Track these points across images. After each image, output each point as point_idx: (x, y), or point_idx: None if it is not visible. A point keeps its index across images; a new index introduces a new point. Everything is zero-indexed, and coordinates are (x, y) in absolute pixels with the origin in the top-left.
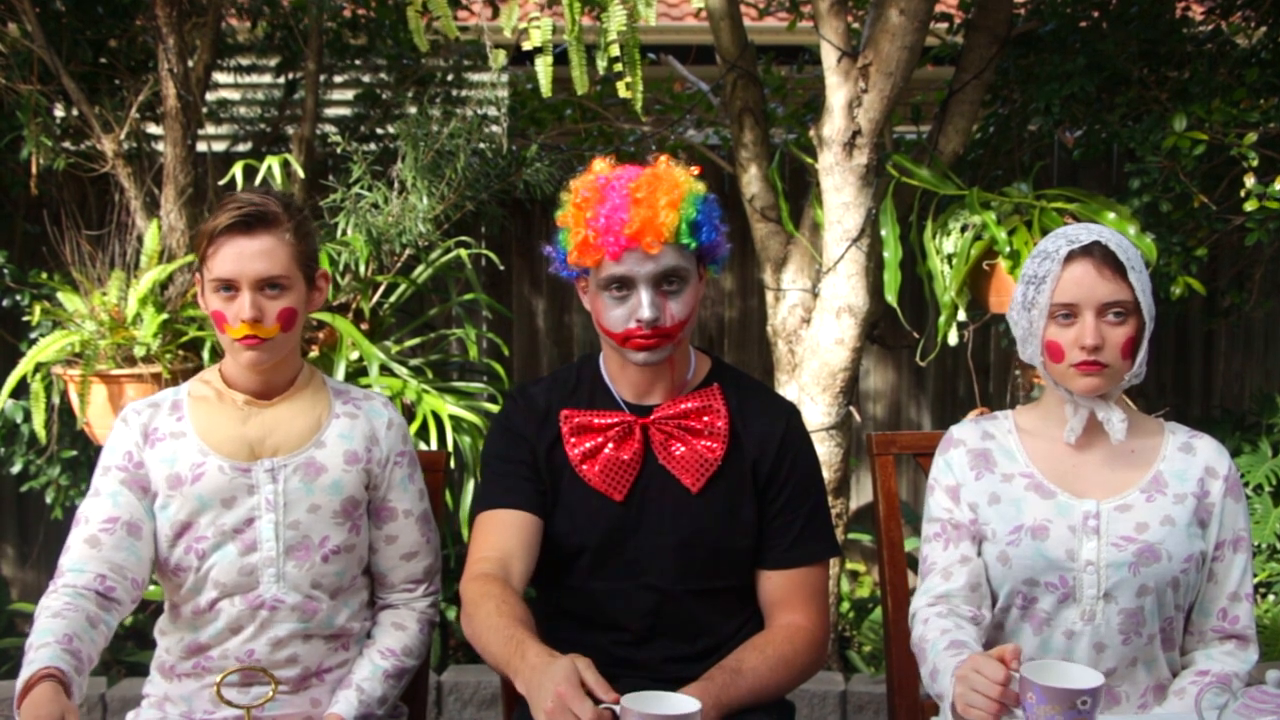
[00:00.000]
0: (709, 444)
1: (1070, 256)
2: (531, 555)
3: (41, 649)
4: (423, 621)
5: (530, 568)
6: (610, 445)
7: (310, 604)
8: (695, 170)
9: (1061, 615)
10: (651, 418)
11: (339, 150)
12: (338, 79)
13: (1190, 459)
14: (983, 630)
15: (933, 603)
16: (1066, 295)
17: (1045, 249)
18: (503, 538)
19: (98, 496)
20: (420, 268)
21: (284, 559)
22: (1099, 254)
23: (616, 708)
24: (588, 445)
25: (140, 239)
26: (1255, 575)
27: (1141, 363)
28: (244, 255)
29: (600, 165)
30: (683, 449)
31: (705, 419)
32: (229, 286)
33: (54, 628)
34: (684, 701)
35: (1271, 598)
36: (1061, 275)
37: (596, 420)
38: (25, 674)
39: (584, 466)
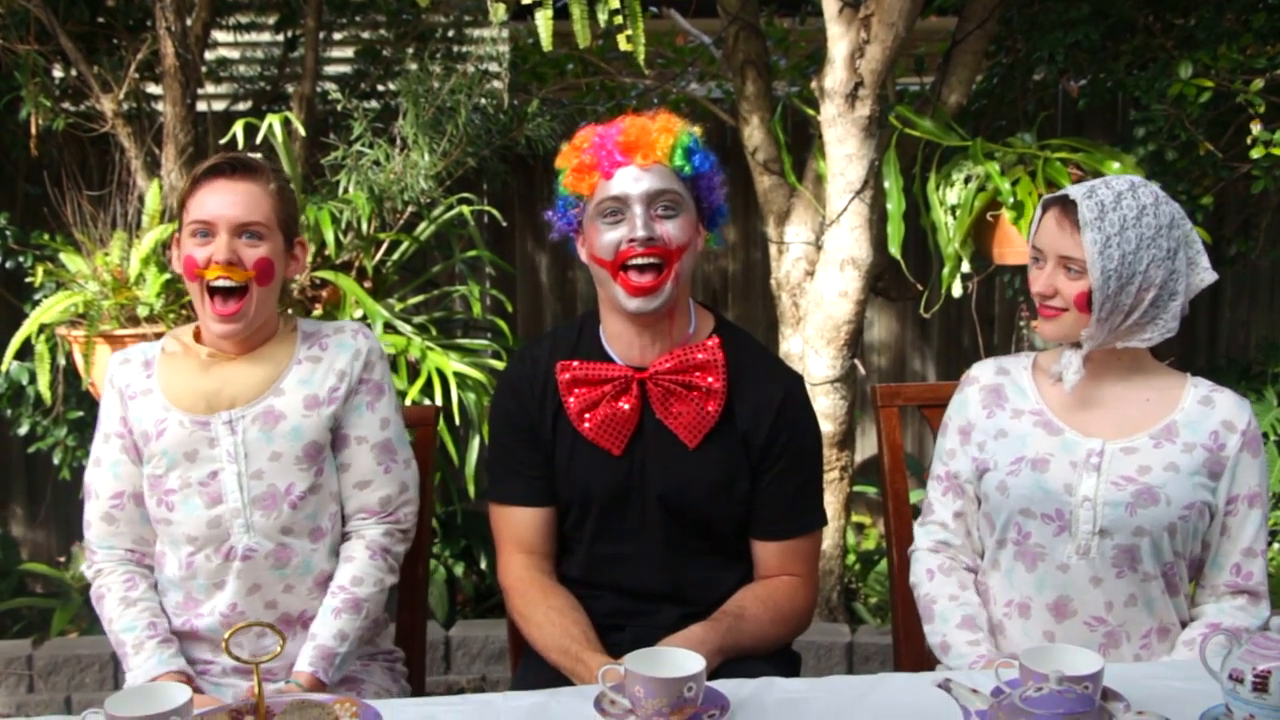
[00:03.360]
0: (706, 403)
1: (1047, 204)
2: (553, 540)
3: (140, 651)
4: (373, 548)
5: (554, 548)
6: (606, 399)
7: (284, 551)
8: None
9: (1056, 549)
10: (649, 372)
11: (340, 108)
12: (337, 36)
13: (1208, 411)
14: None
15: (935, 548)
16: (1037, 240)
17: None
18: (525, 533)
19: (99, 466)
20: (423, 225)
21: (250, 509)
22: (1063, 206)
23: (622, 669)
24: (585, 398)
25: (141, 199)
26: None
27: (1173, 318)
28: (224, 198)
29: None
30: (680, 406)
31: (703, 376)
32: (206, 231)
33: (137, 621)
34: (688, 660)
35: (1277, 546)
36: (1040, 221)
37: (593, 373)
38: (142, 673)
39: (584, 420)
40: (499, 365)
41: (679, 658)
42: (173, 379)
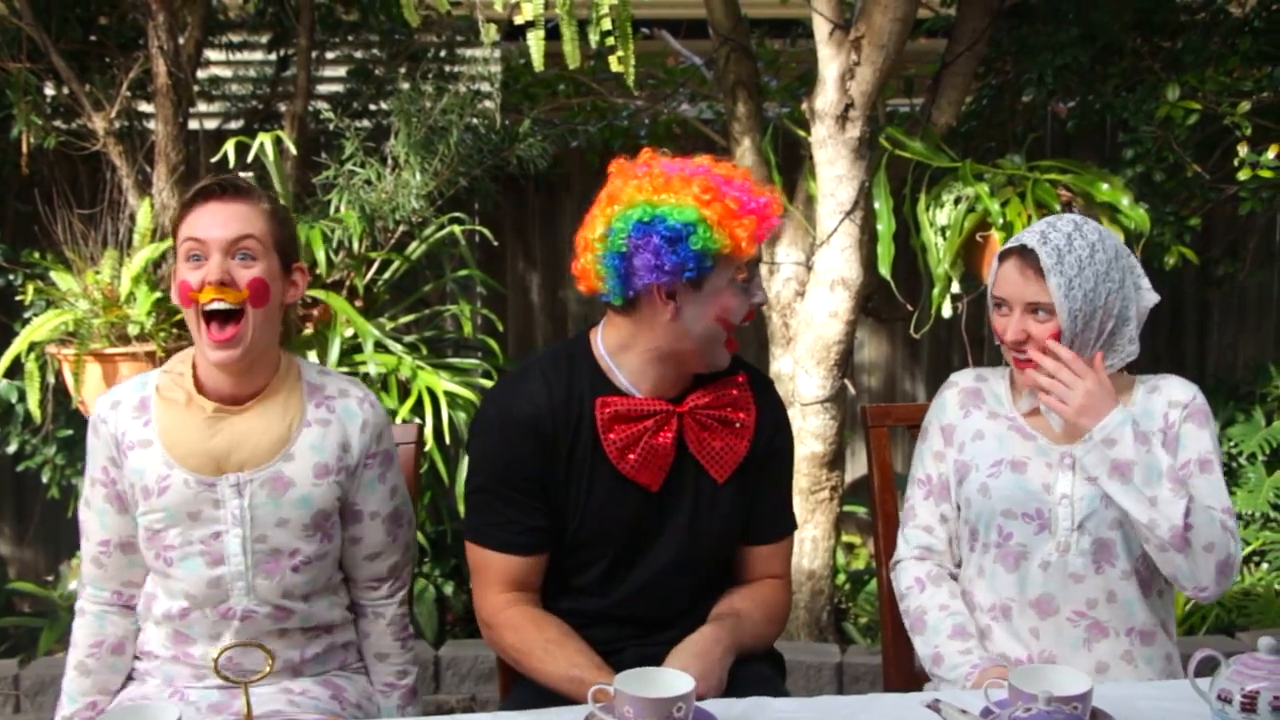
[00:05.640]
0: (738, 439)
1: (1005, 254)
2: (542, 577)
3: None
4: (395, 627)
5: (540, 582)
6: (647, 434)
7: (282, 611)
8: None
9: (1036, 547)
10: (688, 406)
11: (332, 127)
12: (330, 55)
13: (1155, 398)
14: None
15: (921, 555)
16: (1000, 290)
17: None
18: (516, 574)
19: (89, 509)
20: (414, 244)
21: (252, 572)
22: (1022, 255)
23: (611, 689)
24: (627, 434)
25: (133, 217)
26: (1249, 544)
27: (1129, 342)
28: (216, 218)
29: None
30: (714, 441)
31: (736, 412)
32: (199, 254)
33: (81, 693)
34: (677, 680)
35: (1265, 566)
36: (999, 271)
37: (635, 408)
38: None
39: (627, 457)
40: (489, 384)
41: (669, 678)
42: (176, 434)
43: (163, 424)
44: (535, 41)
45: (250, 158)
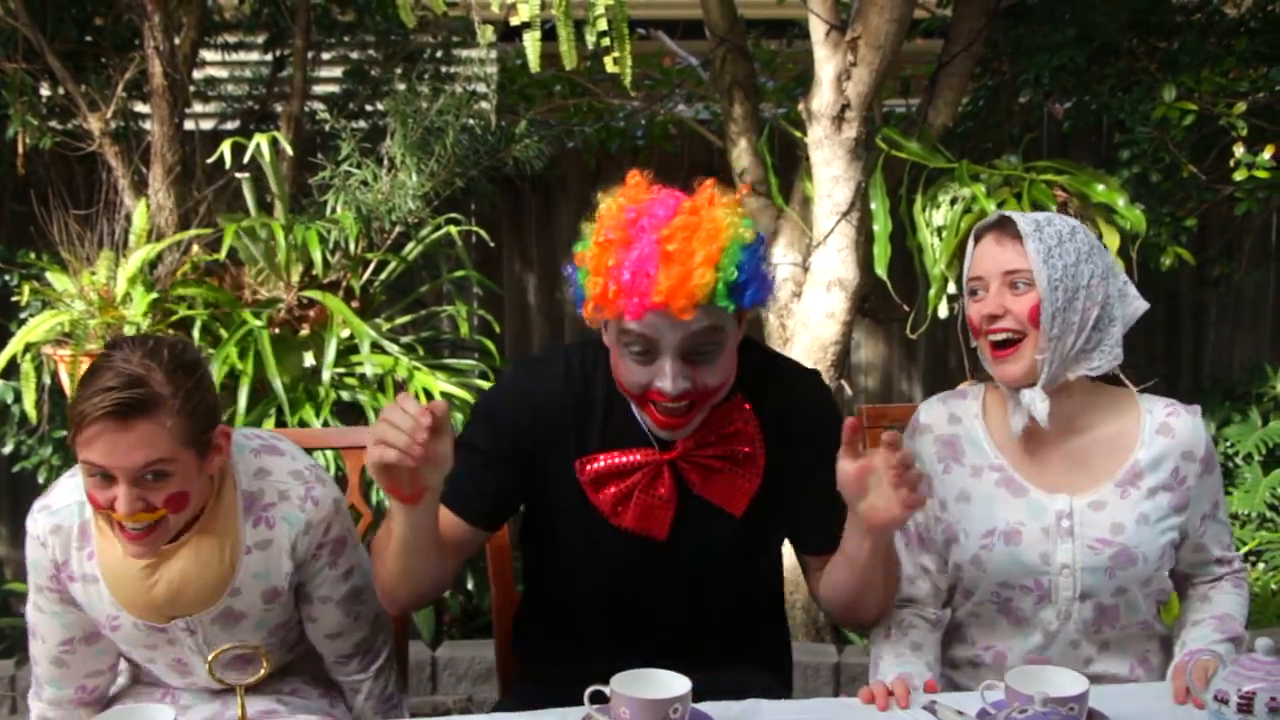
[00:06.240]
0: (744, 477)
1: (981, 233)
2: (461, 559)
3: None
4: (375, 700)
5: (458, 569)
6: (639, 489)
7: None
8: (741, 194)
9: (1038, 616)
10: (678, 453)
11: (328, 127)
12: (326, 56)
13: (1168, 443)
14: (940, 626)
15: (899, 604)
16: (975, 269)
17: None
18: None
19: (42, 614)
20: (410, 245)
21: (221, 669)
22: (1000, 225)
23: (608, 690)
24: (617, 492)
25: (128, 218)
26: (1246, 544)
27: (1115, 344)
28: (118, 448)
29: (633, 185)
30: (720, 480)
31: (740, 446)
32: (104, 474)
33: None
34: (674, 681)
35: (1262, 565)
36: (975, 252)
37: (618, 460)
38: None
39: (620, 516)
40: (486, 385)
41: (665, 679)
42: (117, 579)
43: (105, 562)
44: (532, 42)
45: (246, 158)
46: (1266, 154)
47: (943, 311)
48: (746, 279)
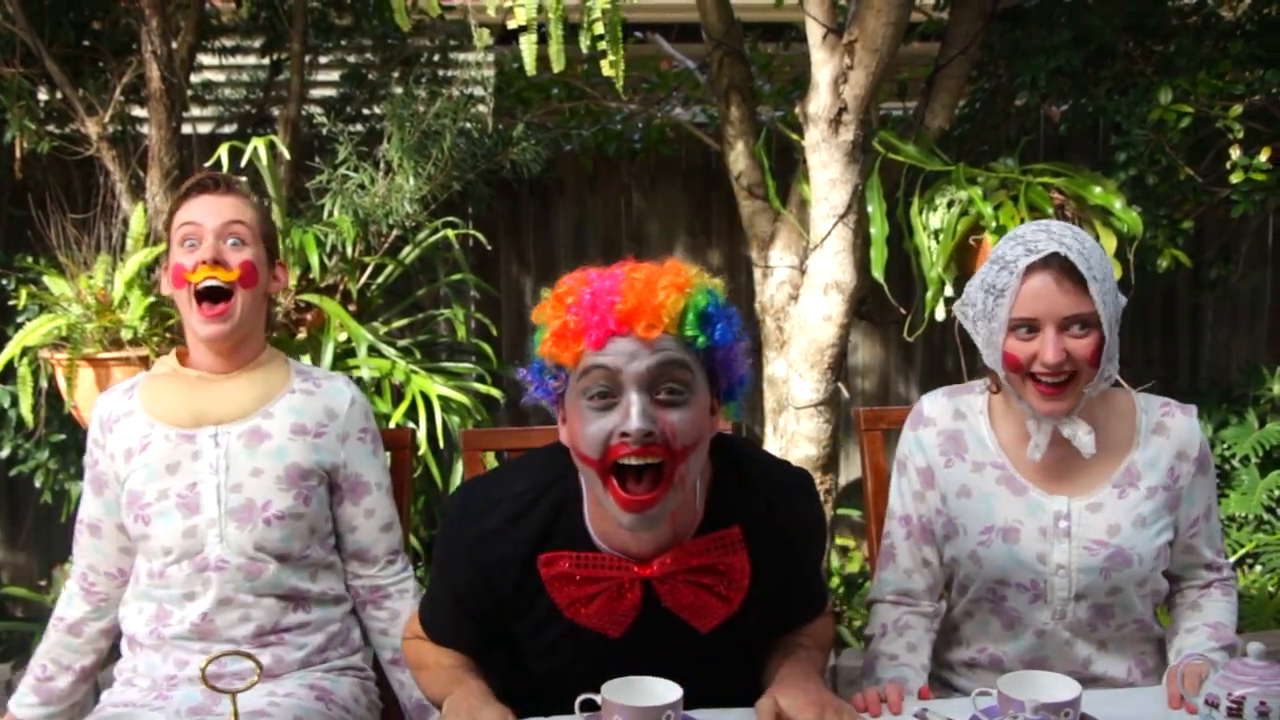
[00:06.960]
0: (727, 595)
1: (1030, 269)
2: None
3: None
4: (414, 599)
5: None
6: (604, 595)
7: (254, 565)
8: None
9: (1032, 614)
10: (654, 570)
11: (325, 131)
12: (323, 60)
13: (1163, 443)
14: (936, 620)
15: (897, 599)
16: (1026, 310)
17: (1004, 257)
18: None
19: (85, 493)
20: (407, 248)
21: (226, 520)
22: (1058, 266)
23: (599, 699)
24: (578, 594)
25: (126, 222)
26: (1244, 546)
27: (1111, 362)
28: (210, 206)
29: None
30: (693, 599)
31: (725, 576)
32: (193, 239)
33: (42, 651)
34: (666, 689)
35: (1259, 568)
36: (1020, 289)
37: (588, 570)
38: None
39: (577, 611)
40: (483, 388)
41: (657, 687)
42: (157, 397)
43: (145, 395)
44: (528, 46)
45: (244, 162)
46: (1263, 156)
47: (940, 314)
48: (715, 311)
